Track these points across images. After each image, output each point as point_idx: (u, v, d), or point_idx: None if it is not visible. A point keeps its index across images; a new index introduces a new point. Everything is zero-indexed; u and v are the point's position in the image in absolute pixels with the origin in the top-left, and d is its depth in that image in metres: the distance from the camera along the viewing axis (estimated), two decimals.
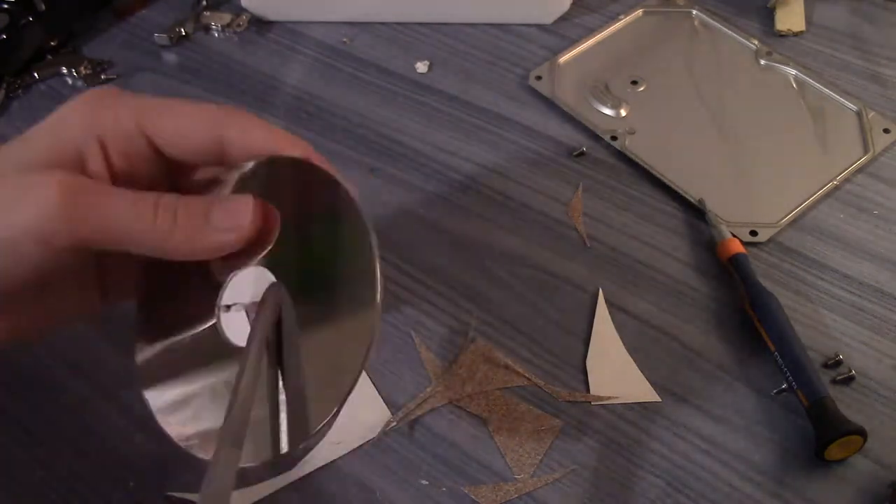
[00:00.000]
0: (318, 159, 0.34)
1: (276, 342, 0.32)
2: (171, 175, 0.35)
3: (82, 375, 0.47)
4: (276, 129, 0.34)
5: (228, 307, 0.34)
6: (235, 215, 0.32)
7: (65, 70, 0.64)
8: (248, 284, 0.33)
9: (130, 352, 0.35)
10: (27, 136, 0.32)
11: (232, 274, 0.34)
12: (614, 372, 0.47)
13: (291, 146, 0.34)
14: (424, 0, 0.65)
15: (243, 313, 0.33)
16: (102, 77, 0.63)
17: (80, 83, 0.63)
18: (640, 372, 0.47)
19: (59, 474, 0.44)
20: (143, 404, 0.34)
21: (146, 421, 0.44)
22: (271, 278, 0.33)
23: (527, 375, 0.47)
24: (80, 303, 0.35)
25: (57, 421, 0.46)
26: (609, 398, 0.46)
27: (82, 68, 0.63)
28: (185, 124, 0.33)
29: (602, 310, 0.49)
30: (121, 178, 0.33)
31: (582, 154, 0.57)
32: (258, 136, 0.33)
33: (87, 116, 0.32)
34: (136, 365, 0.35)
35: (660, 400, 0.46)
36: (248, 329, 0.32)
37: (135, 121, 0.33)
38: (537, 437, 0.44)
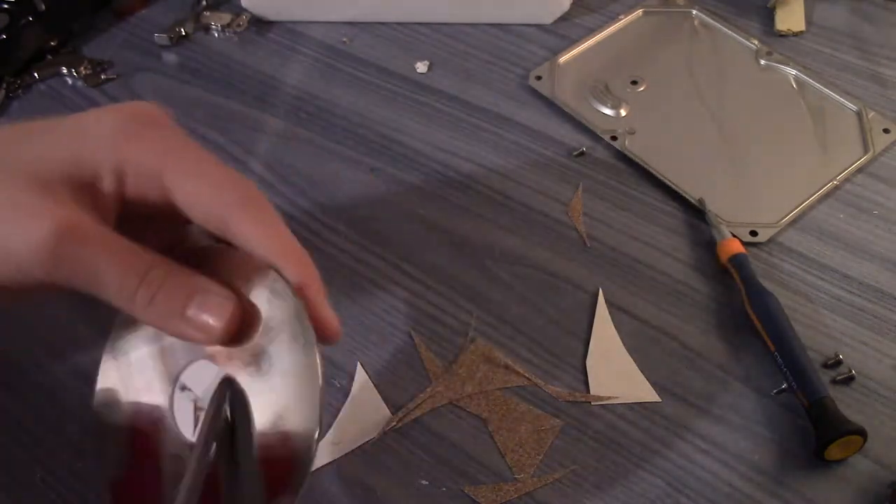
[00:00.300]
0: (313, 289, 0.32)
1: (229, 437, 0.32)
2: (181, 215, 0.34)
3: (82, 375, 0.47)
4: (284, 233, 0.32)
5: (183, 388, 0.33)
6: (213, 315, 0.30)
7: (65, 70, 0.64)
8: (206, 372, 0.33)
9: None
10: (49, 130, 0.31)
11: (195, 360, 0.33)
12: (614, 372, 0.47)
13: (293, 263, 0.32)
14: (424, 0, 0.65)
15: (191, 404, 0.33)
16: (102, 77, 0.63)
17: (80, 83, 0.63)
18: (640, 372, 0.47)
19: (59, 474, 0.44)
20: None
21: None
22: (222, 375, 0.32)
23: (527, 375, 0.47)
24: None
25: (57, 421, 0.46)
26: (609, 398, 0.46)
27: (82, 68, 0.63)
28: (202, 192, 0.32)
29: (602, 310, 0.49)
30: (129, 205, 0.32)
31: (582, 154, 0.57)
32: (262, 242, 0.32)
33: (112, 143, 0.31)
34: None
35: (660, 400, 0.46)
36: (191, 419, 0.32)
37: (157, 168, 0.32)
38: (537, 437, 0.44)
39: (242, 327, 0.31)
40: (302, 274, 0.32)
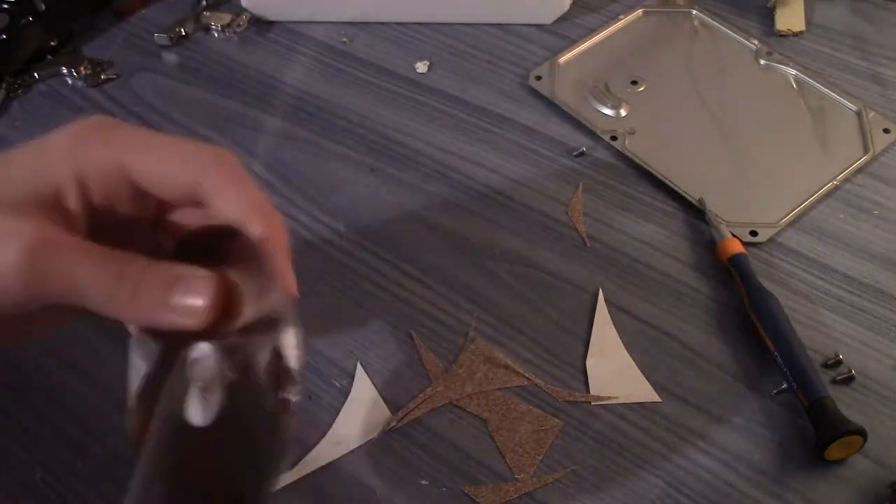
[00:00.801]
0: (277, 245, 0.33)
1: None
2: (157, 209, 0.34)
3: (82, 375, 0.47)
4: (252, 191, 0.33)
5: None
6: (196, 297, 0.30)
7: (65, 70, 0.64)
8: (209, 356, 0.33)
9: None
10: (7, 158, 0.31)
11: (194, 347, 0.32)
12: (614, 372, 0.47)
13: (259, 217, 0.32)
14: (424, 0, 0.65)
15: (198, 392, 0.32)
16: (102, 77, 0.63)
17: (80, 83, 0.63)
18: (639, 372, 0.47)
19: (59, 474, 0.44)
20: None
21: None
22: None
23: (527, 375, 0.47)
24: (49, 319, 0.34)
25: (57, 421, 0.46)
26: (609, 398, 0.46)
27: (82, 68, 0.63)
28: (167, 169, 0.32)
29: (602, 310, 0.49)
30: (101, 214, 0.32)
31: (582, 154, 0.57)
32: (230, 199, 0.32)
33: (69, 151, 0.31)
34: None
35: (660, 400, 0.46)
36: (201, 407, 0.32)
37: (117, 160, 0.32)
38: (537, 437, 0.44)
39: (230, 305, 0.31)
40: (267, 229, 0.32)
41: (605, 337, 0.48)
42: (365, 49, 0.65)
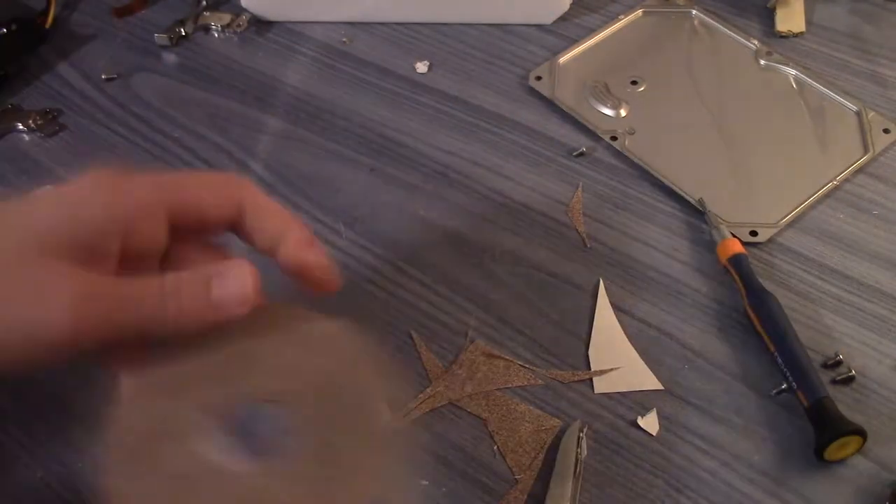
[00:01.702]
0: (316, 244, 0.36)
1: None
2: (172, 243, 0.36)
3: (82, 375, 0.47)
4: (280, 207, 0.36)
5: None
6: (235, 283, 0.32)
7: (20, 125, 0.60)
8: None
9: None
10: (38, 205, 0.33)
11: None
12: (616, 360, 0.47)
13: (297, 225, 0.36)
14: (424, 0, 0.65)
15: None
16: (57, 126, 0.60)
17: (37, 135, 0.60)
18: (642, 361, 0.47)
19: (58, 474, 0.44)
20: None
21: None
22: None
23: (526, 375, 0.46)
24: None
25: (57, 421, 0.46)
26: (608, 370, 0.46)
27: (31, 122, 0.60)
28: (205, 198, 0.35)
29: (603, 299, 0.49)
30: (131, 252, 0.33)
31: (582, 154, 0.57)
32: (271, 215, 0.36)
33: (111, 197, 0.33)
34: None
35: (662, 388, 0.46)
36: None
37: (157, 199, 0.34)
38: (537, 437, 0.44)
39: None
40: (308, 232, 0.36)
41: (606, 326, 0.48)
42: (365, 49, 0.65)
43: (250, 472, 0.32)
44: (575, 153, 0.57)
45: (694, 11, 0.65)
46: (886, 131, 0.57)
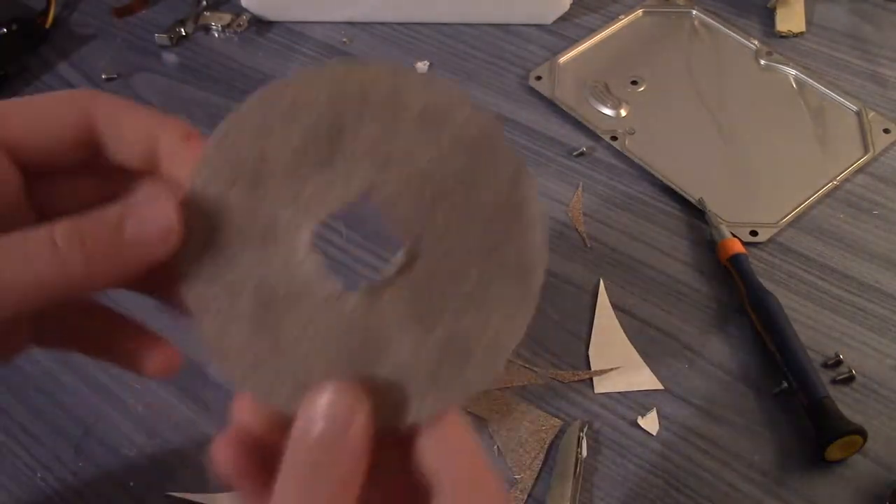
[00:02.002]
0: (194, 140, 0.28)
1: None
2: (37, 203, 0.28)
3: (82, 376, 0.47)
4: (148, 110, 0.28)
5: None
6: (156, 215, 0.25)
7: None
8: None
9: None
10: None
11: None
12: (616, 360, 0.47)
13: (172, 128, 0.28)
14: (424, 0, 0.65)
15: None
16: None
17: None
18: (642, 360, 0.47)
19: (59, 474, 0.44)
20: (146, 406, 0.33)
21: (147, 421, 0.44)
22: None
23: (527, 375, 0.46)
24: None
25: (57, 421, 0.46)
26: (608, 370, 0.46)
27: None
28: (41, 116, 0.27)
29: (603, 298, 0.49)
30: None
31: (582, 154, 0.57)
32: (133, 121, 0.28)
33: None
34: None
35: (662, 388, 0.46)
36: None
37: (88, 113, 0.27)
38: (537, 437, 0.44)
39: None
40: (180, 127, 0.29)
41: (606, 326, 0.48)
42: (365, 49, 0.65)
43: (345, 294, 0.26)
44: (575, 153, 0.57)
45: (694, 11, 0.65)
46: (886, 131, 0.57)
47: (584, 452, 0.42)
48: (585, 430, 0.44)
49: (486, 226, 0.27)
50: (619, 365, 0.47)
